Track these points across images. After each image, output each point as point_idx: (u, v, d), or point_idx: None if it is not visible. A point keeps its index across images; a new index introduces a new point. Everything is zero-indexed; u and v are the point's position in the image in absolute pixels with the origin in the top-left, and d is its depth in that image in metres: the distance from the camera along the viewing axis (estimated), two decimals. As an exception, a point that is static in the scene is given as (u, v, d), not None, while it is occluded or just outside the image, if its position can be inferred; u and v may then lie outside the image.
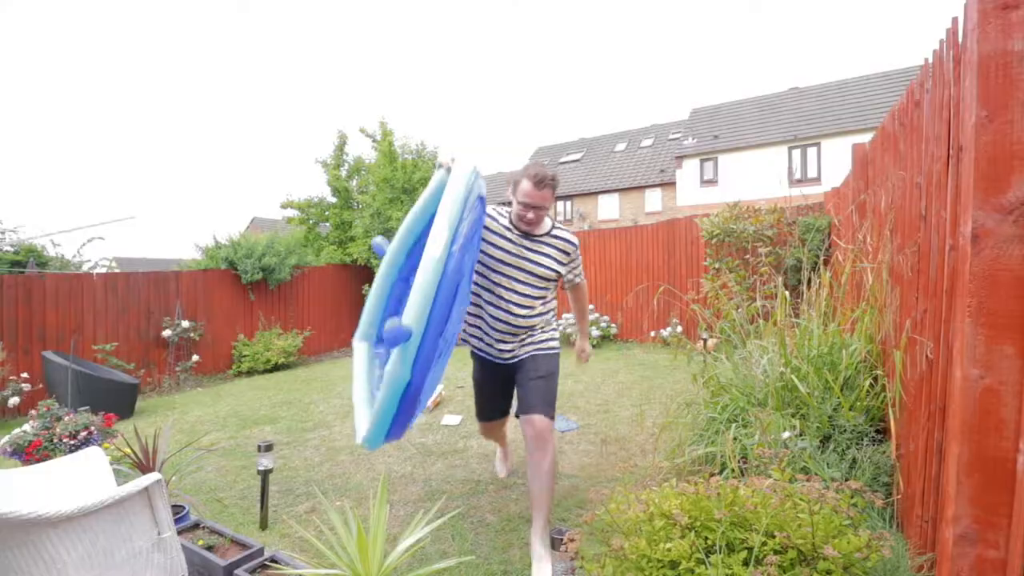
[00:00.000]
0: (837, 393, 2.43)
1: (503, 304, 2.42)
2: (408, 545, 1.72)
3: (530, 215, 2.30)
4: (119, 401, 5.33)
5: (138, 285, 6.96)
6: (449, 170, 2.21)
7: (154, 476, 1.70)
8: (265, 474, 2.65)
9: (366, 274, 10.16)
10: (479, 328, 2.54)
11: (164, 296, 7.20)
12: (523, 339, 2.50)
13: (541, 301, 2.46)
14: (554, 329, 2.56)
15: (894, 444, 2.13)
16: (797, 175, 18.33)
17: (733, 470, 2.21)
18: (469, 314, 2.54)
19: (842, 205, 4.72)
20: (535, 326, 2.49)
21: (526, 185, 2.27)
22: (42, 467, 1.99)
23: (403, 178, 9.91)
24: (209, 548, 2.18)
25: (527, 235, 2.39)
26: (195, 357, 7.23)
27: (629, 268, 8.56)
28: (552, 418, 2.34)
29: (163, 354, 7.09)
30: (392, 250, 2.37)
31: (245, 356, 7.70)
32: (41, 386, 5.60)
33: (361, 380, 2.10)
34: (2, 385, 5.44)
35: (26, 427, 3.16)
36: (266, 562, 2.09)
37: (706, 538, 1.60)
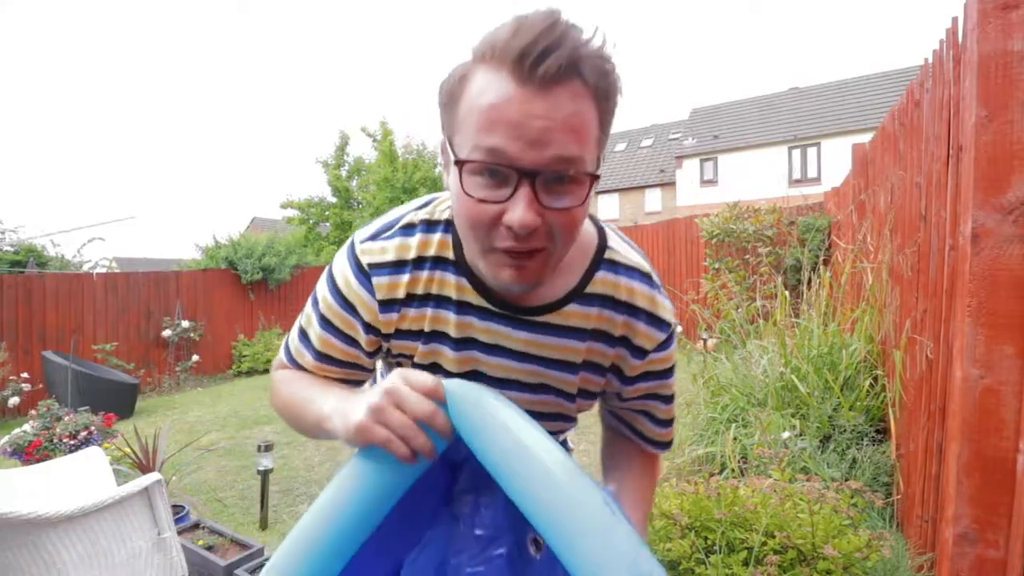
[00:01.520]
0: (837, 393, 2.43)
1: None
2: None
3: (521, 215, 0.53)
4: (119, 401, 5.33)
5: (138, 285, 6.96)
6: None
7: (154, 476, 1.70)
8: (265, 474, 2.65)
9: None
10: None
11: (164, 296, 7.20)
12: None
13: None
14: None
15: (894, 444, 2.13)
16: (797, 175, 18.32)
17: (733, 470, 2.21)
18: None
19: (842, 205, 4.73)
20: None
21: (499, 81, 0.52)
22: (42, 467, 1.99)
23: (403, 178, 9.93)
24: (209, 548, 2.18)
25: (515, 310, 0.68)
26: (195, 357, 7.22)
27: (629, 268, 8.55)
28: None
29: (163, 354, 7.09)
30: None
31: (245, 356, 7.70)
32: (41, 386, 5.60)
33: None
34: (2, 385, 5.44)
35: (26, 427, 3.16)
36: (266, 562, 2.09)
37: (706, 538, 1.60)
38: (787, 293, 3.32)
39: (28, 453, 3.02)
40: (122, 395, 5.47)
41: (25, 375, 5.61)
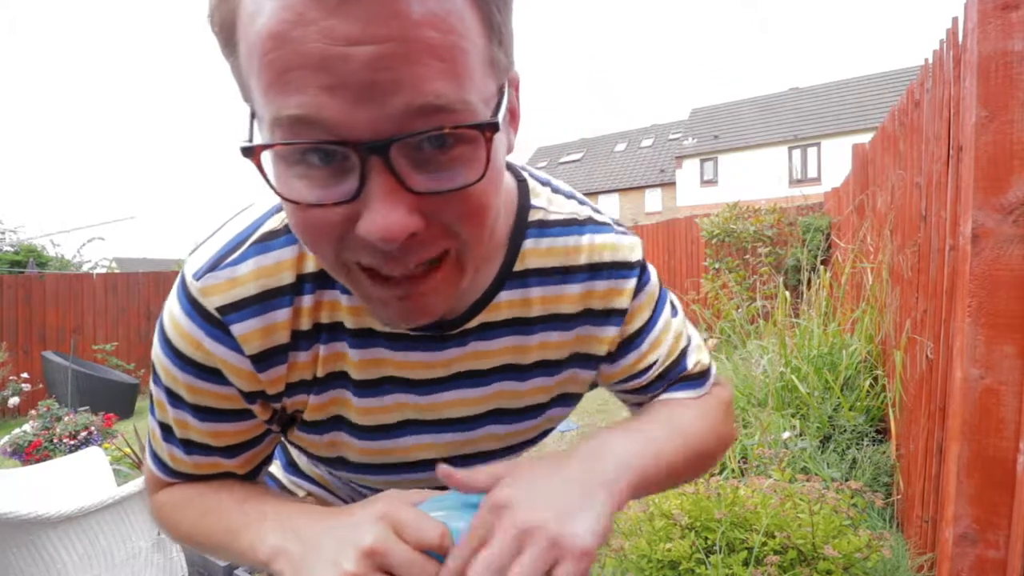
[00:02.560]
0: (837, 393, 2.43)
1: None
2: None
3: (379, 222, 0.33)
4: (119, 401, 5.33)
5: (138, 285, 6.96)
6: None
7: (154, 476, 1.70)
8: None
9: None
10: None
11: (164, 296, 7.15)
12: None
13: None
14: None
15: (894, 444, 2.13)
16: (797, 175, 18.33)
17: (733, 470, 2.21)
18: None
19: (842, 205, 4.73)
20: None
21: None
22: (42, 467, 1.99)
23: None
24: (209, 548, 2.18)
25: (435, 326, 0.50)
26: (195, 357, 7.23)
27: (629, 268, 8.56)
28: None
29: (163, 354, 7.10)
30: None
31: (245, 356, 7.71)
32: (41, 386, 5.60)
33: None
34: (2, 385, 5.45)
35: (26, 427, 3.16)
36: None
37: (706, 538, 1.60)
38: (787, 293, 3.32)
39: (28, 453, 3.02)
40: (122, 395, 5.48)
41: (25, 375, 5.61)
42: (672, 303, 0.60)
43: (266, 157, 0.34)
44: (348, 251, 0.36)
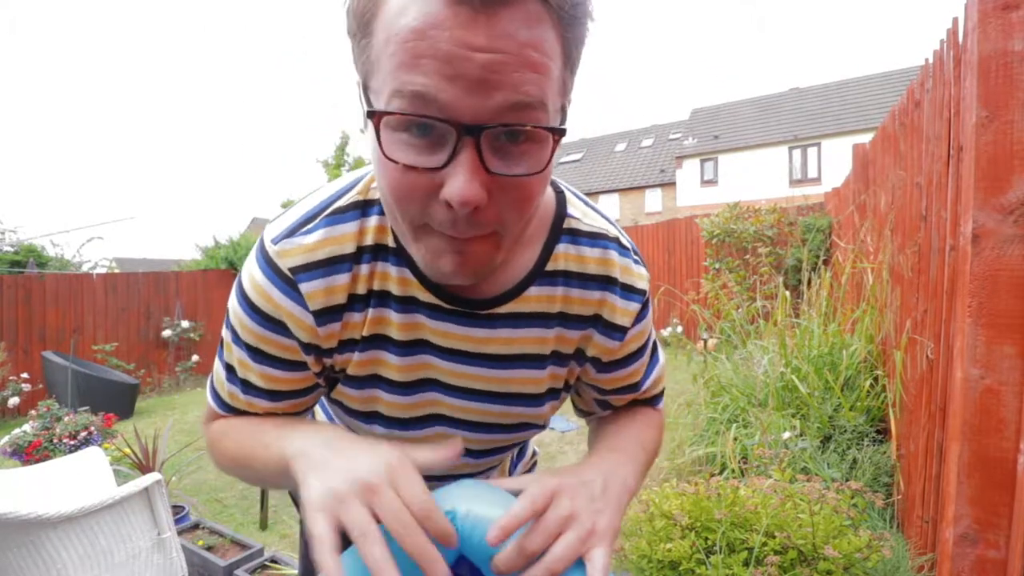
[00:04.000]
0: (837, 393, 2.43)
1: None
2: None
3: (461, 187, 0.41)
4: (119, 401, 5.33)
5: (138, 285, 6.96)
6: None
7: (154, 476, 1.70)
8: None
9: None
10: None
11: (164, 296, 7.20)
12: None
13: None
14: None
15: (894, 444, 2.13)
16: (797, 175, 18.32)
17: (733, 470, 2.21)
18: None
19: (842, 205, 4.73)
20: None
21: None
22: (42, 467, 1.99)
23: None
24: (209, 548, 2.18)
25: (470, 304, 0.57)
26: (195, 357, 7.22)
27: (629, 268, 8.53)
28: None
29: (163, 354, 7.09)
30: None
31: (245, 356, 7.70)
32: (41, 386, 5.60)
33: None
34: (2, 385, 5.44)
35: (26, 427, 3.16)
36: (266, 562, 2.09)
37: (706, 538, 1.60)
38: (787, 293, 3.32)
39: (28, 453, 3.02)
40: (122, 395, 5.47)
41: (25, 375, 5.61)
42: (656, 343, 0.71)
43: (370, 124, 0.42)
44: (426, 211, 0.44)
